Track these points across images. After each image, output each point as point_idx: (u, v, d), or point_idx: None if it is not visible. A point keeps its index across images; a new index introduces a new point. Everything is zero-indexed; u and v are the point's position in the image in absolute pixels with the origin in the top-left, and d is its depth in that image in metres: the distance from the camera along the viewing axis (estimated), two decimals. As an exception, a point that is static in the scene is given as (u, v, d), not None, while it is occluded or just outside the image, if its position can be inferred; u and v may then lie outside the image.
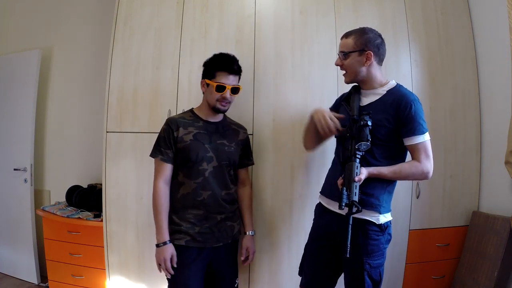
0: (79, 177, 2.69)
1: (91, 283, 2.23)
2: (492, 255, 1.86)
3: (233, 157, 1.65)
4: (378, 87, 1.51)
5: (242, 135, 1.75)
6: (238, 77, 1.62)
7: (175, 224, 1.57)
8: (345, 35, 1.52)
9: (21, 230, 2.79)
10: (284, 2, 2.05)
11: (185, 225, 1.55)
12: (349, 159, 1.40)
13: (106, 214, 1.98)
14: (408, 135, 1.43)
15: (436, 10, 2.16)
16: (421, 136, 1.43)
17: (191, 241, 1.54)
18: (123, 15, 2.01)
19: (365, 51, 1.46)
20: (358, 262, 1.44)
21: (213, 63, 1.60)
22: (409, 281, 2.07)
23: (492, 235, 1.89)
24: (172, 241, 1.54)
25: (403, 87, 1.52)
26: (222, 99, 1.57)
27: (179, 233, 1.55)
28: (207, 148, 1.58)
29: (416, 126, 1.42)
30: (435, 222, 2.10)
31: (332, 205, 1.54)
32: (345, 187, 1.34)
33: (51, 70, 2.91)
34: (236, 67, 1.59)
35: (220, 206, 1.59)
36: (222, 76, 1.55)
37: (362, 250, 1.44)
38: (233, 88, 1.58)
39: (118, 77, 1.99)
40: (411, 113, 1.42)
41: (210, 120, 1.65)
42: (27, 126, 2.78)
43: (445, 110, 2.13)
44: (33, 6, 2.98)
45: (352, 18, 2.07)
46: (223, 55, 1.60)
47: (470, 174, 2.14)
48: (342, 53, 1.50)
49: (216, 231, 1.58)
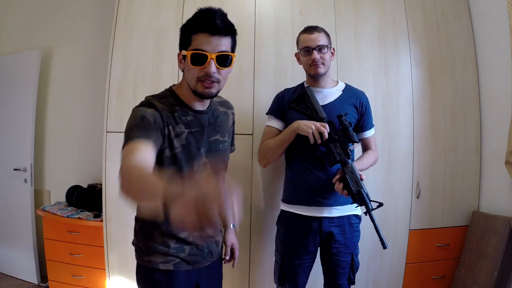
0: (79, 177, 2.69)
1: (91, 283, 2.23)
2: (492, 255, 1.86)
3: (227, 155, 1.28)
4: (334, 85, 1.63)
5: (232, 118, 1.32)
6: (230, 39, 1.04)
7: (159, 243, 1.14)
8: (316, 29, 1.55)
9: (21, 230, 2.78)
10: (284, 2, 2.05)
11: (173, 246, 1.14)
12: (344, 162, 1.43)
13: (106, 214, 1.98)
14: (368, 128, 1.64)
15: (436, 10, 2.16)
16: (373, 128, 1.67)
17: (180, 264, 1.16)
18: (123, 15, 2.01)
19: (331, 47, 1.59)
20: (350, 255, 1.55)
21: (188, 25, 1.04)
22: (409, 281, 2.07)
23: (492, 235, 1.89)
24: (156, 265, 1.13)
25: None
26: (205, 75, 1.00)
27: (165, 255, 1.14)
28: (201, 153, 1.12)
29: (372, 120, 1.66)
30: (435, 222, 2.10)
31: (315, 211, 1.53)
32: (354, 188, 1.40)
33: (51, 70, 2.91)
34: (221, 22, 0.99)
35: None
36: (200, 41, 0.99)
37: (351, 244, 1.55)
38: (219, 57, 1.00)
39: (118, 77, 1.99)
40: (369, 109, 1.64)
41: (198, 108, 1.13)
42: (27, 126, 2.78)
43: (445, 110, 2.13)
44: (33, 6, 2.98)
45: (352, 18, 2.07)
46: (201, 10, 1.01)
47: (470, 174, 2.14)
48: (320, 47, 1.52)
49: (205, 250, 1.20)
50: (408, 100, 2.09)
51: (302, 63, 1.61)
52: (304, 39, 1.56)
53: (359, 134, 1.63)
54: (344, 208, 1.55)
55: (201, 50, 0.98)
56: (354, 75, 2.03)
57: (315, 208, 1.53)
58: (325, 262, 1.60)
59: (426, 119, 2.10)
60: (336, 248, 1.54)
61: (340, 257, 1.55)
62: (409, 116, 2.08)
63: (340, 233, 1.54)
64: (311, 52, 1.52)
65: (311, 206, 1.54)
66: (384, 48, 2.09)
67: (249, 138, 1.97)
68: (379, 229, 1.36)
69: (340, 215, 1.54)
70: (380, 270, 2.06)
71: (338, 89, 1.62)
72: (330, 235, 1.54)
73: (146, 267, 1.15)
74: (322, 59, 1.52)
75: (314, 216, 1.53)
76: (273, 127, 1.66)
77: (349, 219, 1.56)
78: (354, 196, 1.40)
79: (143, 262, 1.16)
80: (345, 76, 2.00)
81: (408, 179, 2.07)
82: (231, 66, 1.05)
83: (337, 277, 1.56)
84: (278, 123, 1.65)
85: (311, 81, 1.62)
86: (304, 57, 1.56)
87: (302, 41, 1.57)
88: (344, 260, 1.55)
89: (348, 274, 1.57)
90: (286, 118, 1.62)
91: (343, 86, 1.64)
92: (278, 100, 1.68)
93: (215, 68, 1.00)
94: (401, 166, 2.06)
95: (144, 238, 1.15)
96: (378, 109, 2.05)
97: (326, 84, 1.61)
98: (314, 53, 1.51)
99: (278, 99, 1.68)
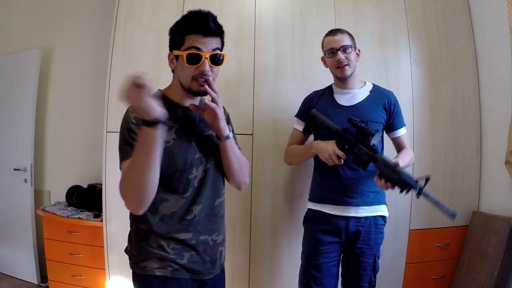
0: (79, 177, 2.69)
1: (91, 283, 2.23)
2: (492, 255, 1.86)
3: None
4: (361, 86, 1.63)
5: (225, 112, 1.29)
6: (220, 40, 1.12)
7: (155, 247, 1.09)
8: (339, 31, 1.57)
9: (21, 230, 2.78)
10: (284, 2, 2.05)
11: (170, 250, 1.09)
12: (373, 158, 1.38)
13: (106, 214, 1.98)
14: (399, 127, 1.63)
15: (436, 10, 2.16)
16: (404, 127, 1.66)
17: (179, 271, 1.10)
18: (123, 15, 2.01)
19: (356, 48, 1.59)
20: (372, 256, 1.54)
21: (180, 26, 1.09)
22: (409, 281, 2.07)
23: (492, 235, 1.89)
24: (151, 271, 1.08)
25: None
26: (200, 74, 1.06)
27: (162, 260, 1.08)
28: (194, 147, 1.13)
29: (402, 119, 1.65)
30: (435, 222, 2.10)
31: (341, 211, 1.54)
32: (394, 177, 1.36)
33: (51, 70, 2.91)
34: (213, 24, 1.07)
35: (213, 223, 1.18)
36: (194, 41, 1.05)
37: (374, 245, 1.54)
38: (213, 57, 1.07)
39: (118, 77, 1.98)
40: (398, 107, 1.63)
41: (188, 106, 1.17)
42: (27, 126, 2.78)
43: (445, 110, 2.13)
44: (33, 6, 2.98)
45: (352, 18, 2.07)
46: (192, 12, 1.08)
47: (470, 174, 2.14)
48: (344, 47, 1.53)
49: (207, 258, 1.15)
50: (408, 100, 2.09)
51: (329, 66, 1.61)
52: (328, 41, 1.57)
53: (390, 134, 1.63)
54: (371, 208, 1.54)
55: (195, 50, 1.05)
56: (354, 75, 2.03)
57: (341, 207, 1.53)
58: (347, 262, 1.59)
59: (426, 119, 2.10)
60: (360, 248, 1.53)
61: (363, 257, 1.54)
62: (409, 116, 2.08)
63: (366, 233, 1.53)
64: (336, 53, 1.52)
65: (338, 205, 1.54)
66: (384, 48, 2.09)
67: (249, 138, 1.97)
68: (440, 203, 1.32)
69: (367, 215, 1.54)
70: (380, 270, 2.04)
71: (366, 90, 1.62)
72: (356, 234, 1.53)
73: (141, 274, 1.10)
74: (347, 60, 1.53)
75: (341, 215, 1.54)
76: (299, 130, 1.68)
77: (375, 220, 1.55)
78: (398, 185, 1.36)
79: (138, 269, 1.11)
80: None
81: (408, 179, 2.07)
82: (222, 64, 1.12)
83: (358, 278, 1.54)
84: (304, 126, 1.65)
85: (339, 82, 1.62)
86: (329, 58, 1.57)
87: (326, 43, 1.59)
88: (367, 262, 1.54)
89: (370, 276, 1.55)
90: (315, 120, 1.59)
91: (370, 87, 1.64)
92: (306, 104, 1.69)
93: (209, 67, 1.07)
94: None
95: (139, 242, 1.12)
96: (378, 109, 2.05)
97: (354, 85, 1.61)
98: (338, 53, 1.52)
99: (306, 102, 1.70)
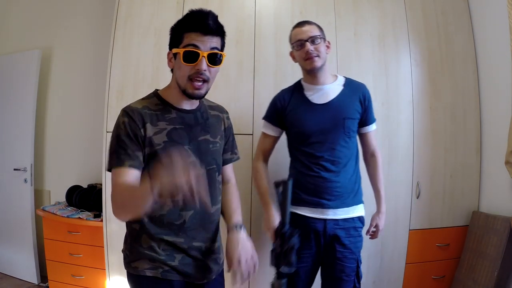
0: (79, 177, 2.69)
1: (91, 283, 2.23)
2: (492, 255, 1.86)
3: (219, 157, 1.21)
4: (333, 80, 1.56)
5: (226, 121, 1.27)
6: (220, 40, 1.08)
7: (145, 247, 1.08)
8: (307, 22, 1.49)
9: (21, 230, 2.78)
10: (284, 2, 2.05)
11: (161, 252, 1.08)
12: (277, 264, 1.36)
13: (106, 214, 1.98)
14: (371, 122, 1.59)
15: (436, 10, 2.16)
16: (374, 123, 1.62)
17: (170, 273, 1.08)
18: (123, 15, 2.01)
19: (325, 39, 1.51)
20: (355, 261, 1.49)
21: (180, 24, 1.07)
22: (409, 281, 2.07)
23: (492, 235, 1.89)
24: (142, 272, 1.07)
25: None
26: (196, 74, 1.03)
27: (152, 261, 1.07)
28: (187, 151, 1.09)
29: (373, 114, 1.60)
30: (435, 222, 2.10)
31: (319, 213, 1.48)
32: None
33: (51, 70, 2.91)
34: (213, 22, 1.03)
35: (208, 230, 1.14)
36: (192, 39, 1.02)
37: (355, 249, 1.49)
38: (211, 56, 1.03)
39: (118, 77, 1.99)
40: (371, 102, 1.58)
41: (185, 108, 1.13)
42: (27, 126, 2.78)
43: (445, 110, 2.13)
44: (33, 6, 2.98)
45: (352, 18, 2.07)
46: (193, 11, 1.05)
47: (470, 174, 2.14)
48: (313, 38, 1.44)
49: (201, 265, 1.13)
50: (408, 100, 2.09)
51: (297, 59, 1.52)
52: (296, 33, 1.48)
53: (361, 129, 1.58)
54: (350, 209, 1.49)
55: (192, 47, 1.02)
56: (354, 75, 2.01)
57: (320, 209, 1.47)
58: (328, 268, 1.51)
59: (426, 119, 2.10)
60: (341, 252, 1.46)
61: (345, 262, 1.46)
62: (409, 116, 2.08)
63: (346, 236, 1.47)
64: (304, 45, 1.44)
65: (316, 208, 1.48)
66: (384, 48, 2.09)
67: (249, 138, 1.97)
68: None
69: (346, 217, 1.48)
70: (380, 270, 2.06)
71: (338, 84, 1.54)
72: (335, 238, 1.47)
73: (133, 274, 1.10)
74: (317, 51, 1.44)
75: (319, 218, 1.48)
76: (271, 135, 1.61)
77: (353, 222, 1.50)
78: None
79: (130, 269, 1.11)
80: (345, 76, 2.00)
81: (408, 179, 2.07)
82: (220, 65, 1.08)
83: (341, 285, 1.47)
84: (275, 130, 1.60)
85: (309, 77, 1.53)
86: (298, 51, 1.48)
87: (293, 35, 1.50)
88: (349, 266, 1.47)
89: (354, 282, 1.48)
90: (286, 121, 1.56)
91: (343, 80, 1.56)
92: (275, 104, 1.59)
93: (206, 66, 1.03)
94: (401, 166, 2.06)
95: (132, 243, 1.12)
96: (378, 109, 2.04)
97: (326, 80, 1.52)
98: (307, 45, 1.43)
99: (275, 103, 1.59)
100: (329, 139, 1.47)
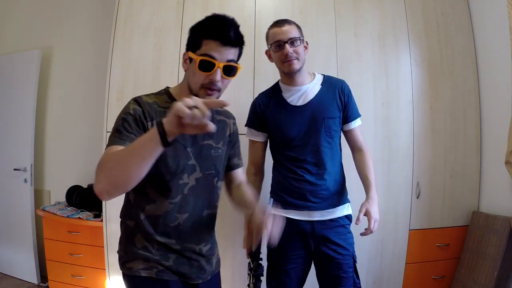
0: (79, 177, 2.69)
1: (91, 283, 2.23)
2: (492, 255, 1.86)
3: (220, 163, 1.19)
4: (311, 79, 1.51)
5: (232, 127, 1.26)
6: (238, 51, 1.06)
7: (140, 247, 1.08)
8: (286, 22, 1.43)
9: (21, 230, 2.78)
10: (284, 2, 2.05)
11: (154, 252, 1.08)
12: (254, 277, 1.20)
13: (106, 214, 1.98)
14: (354, 118, 1.53)
15: (436, 10, 2.16)
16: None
17: (165, 273, 1.08)
18: (123, 15, 2.01)
19: (304, 40, 1.47)
20: (351, 257, 1.47)
21: (200, 28, 1.04)
22: (409, 281, 2.07)
23: (492, 235, 1.89)
24: (137, 272, 1.08)
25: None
26: (210, 83, 1.01)
27: (147, 261, 1.07)
28: (189, 153, 1.08)
29: (357, 109, 1.55)
30: (435, 222, 2.10)
31: (306, 215, 1.45)
32: None
33: (51, 70, 2.91)
34: (234, 34, 1.02)
35: (200, 233, 1.14)
36: (211, 47, 1.00)
37: (348, 245, 1.48)
38: (226, 67, 1.01)
39: (118, 77, 1.99)
40: (352, 97, 1.53)
41: None
42: (27, 126, 2.78)
43: (445, 110, 2.13)
44: (33, 6, 2.98)
45: (352, 18, 2.07)
46: (215, 16, 1.04)
47: (470, 174, 2.14)
48: (292, 39, 1.39)
49: (195, 265, 1.13)
50: (408, 100, 2.09)
51: (274, 60, 1.46)
52: (274, 33, 1.42)
53: (344, 126, 1.52)
54: (336, 210, 1.48)
55: (210, 57, 0.99)
56: (354, 75, 2.03)
57: (306, 212, 1.45)
58: (323, 269, 1.48)
59: (426, 119, 2.11)
60: (334, 250, 1.44)
61: (340, 259, 1.44)
62: (409, 116, 2.08)
63: (335, 234, 1.46)
64: (283, 46, 1.38)
65: (303, 211, 1.46)
66: (384, 48, 2.09)
67: (249, 138, 1.97)
68: None
69: (333, 218, 1.47)
70: (380, 270, 2.06)
71: (316, 83, 1.50)
72: (324, 238, 1.45)
73: (128, 275, 1.10)
74: (296, 53, 1.39)
75: (306, 220, 1.46)
76: (255, 140, 1.58)
77: (341, 221, 1.48)
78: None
79: (125, 269, 1.11)
80: (345, 76, 1.99)
81: (408, 179, 2.07)
82: (235, 76, 1.06)
83: (341, 282, 1.43)
84: (260, 135, 1.56)
85: (287, 79, 1.49)
86: (276, 52, 1.42)
87: (272, 35, 1.43)
88: (346, 263, 1.44)
89: (353, 278, 1.44)
90: (268, 125, 1.52)
91: (321, 79, 1.52)
92: (255, 109, 1.55)
93: (220, 77, 1.01)
94: (401, 166, 2.06)
95: (126, 243, 1.12)
96: (378, 109, 2.05)
97: (304, 80, 1.48)
98: (286, 47, 1.37)
99: (254, 107, 1.55)
100: (311, 141, 1.45)
